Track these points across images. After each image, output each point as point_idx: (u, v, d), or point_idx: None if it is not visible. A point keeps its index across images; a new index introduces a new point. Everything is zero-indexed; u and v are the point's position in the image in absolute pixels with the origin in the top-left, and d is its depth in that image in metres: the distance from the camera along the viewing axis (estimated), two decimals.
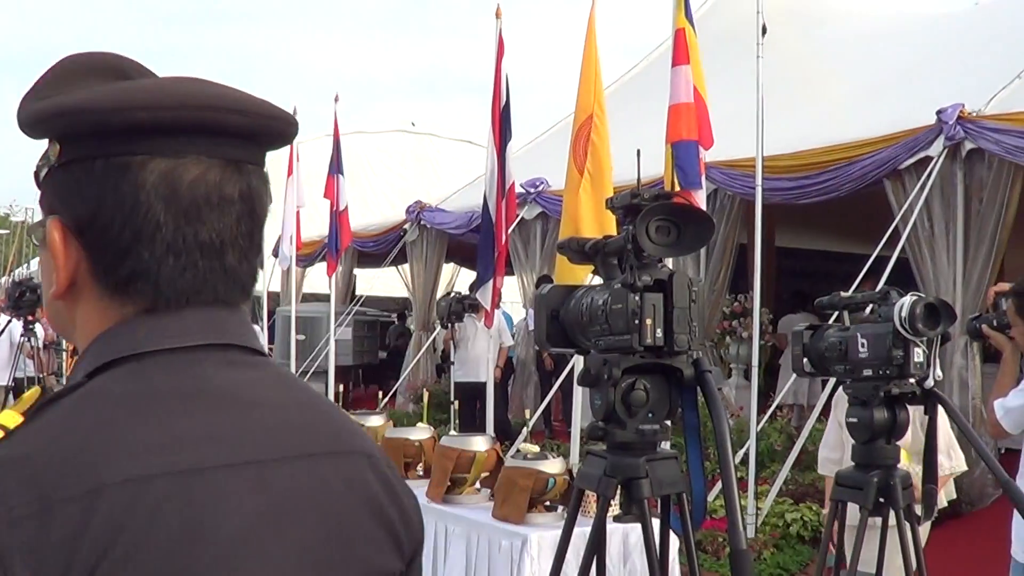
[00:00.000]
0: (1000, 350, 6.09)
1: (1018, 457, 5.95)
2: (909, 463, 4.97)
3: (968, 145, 11.88)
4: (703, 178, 10.22)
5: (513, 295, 19.24)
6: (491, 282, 11.54)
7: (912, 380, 4.22)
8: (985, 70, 13.85)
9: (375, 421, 8.87)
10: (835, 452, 6.17)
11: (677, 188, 9.64)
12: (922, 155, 12.19)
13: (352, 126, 33.94)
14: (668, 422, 3.67)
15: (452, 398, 14.33)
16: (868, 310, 4.51)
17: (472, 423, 13.24)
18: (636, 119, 14.28)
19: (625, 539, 6.55)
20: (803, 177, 13.53)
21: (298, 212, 19.23)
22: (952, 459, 5.77)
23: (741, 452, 11.63)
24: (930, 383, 4.21)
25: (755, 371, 11.46)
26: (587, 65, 10.15)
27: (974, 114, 11.89)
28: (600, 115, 9.85)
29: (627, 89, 21.29)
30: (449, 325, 15.01)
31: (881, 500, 4.33)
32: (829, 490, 5.80)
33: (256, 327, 20.15)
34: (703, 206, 10.14)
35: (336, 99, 18.31)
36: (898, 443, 4.46)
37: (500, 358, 16.95)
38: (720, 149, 11.29)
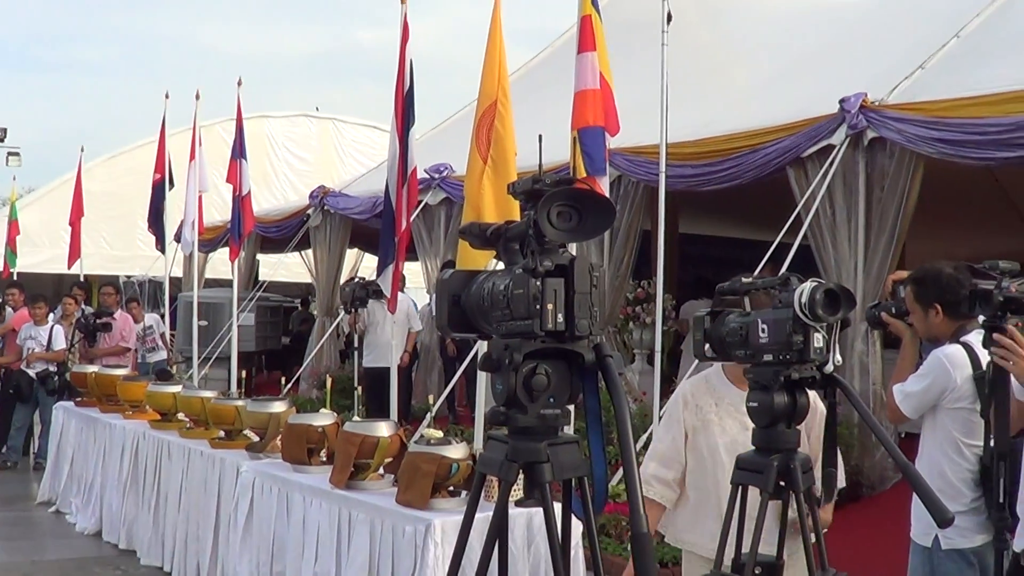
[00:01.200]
0: (899, 336, 6.17)
1: (917, 441, 6.03)
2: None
3: (870, 134, 12.01)
4: (607, 164, 10.25)
5: (417, 280, 19.20)
6: (392, 267, 11.51)
7: (812, 365, 4.25)
8: (888, 60, 13.99)
9: (278, 407, 8.85)
10: (669, 470, 5.69)
11: (583, 174, 9.67)
12: (824, 143, 12.30)
13: (256, 110, 33.73)
14: (570, 407, 3.68)
15: (356, 384, 14.31)
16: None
17: (381, 408, 13.19)
18: (542, 105, 14.29)
19: (529, 523, 6.57)
20: (706, 164, 13.59)
21: (200, 197, 18.99)
22: None
23: (645, 437, 11.67)
24: (830, 368, 4.24)
25: (658, 356, 11.52)
26: (491, 51, 10.12)
27: (876, 103, 12.02)
28: (504, 101, 9.84)
29: (533, 75, 21.30)
30: (353, 311, 14.96)
31: (781, 483, 4.36)
32: (655, 522, 5.67)
33: (157, 313, 20.08)
34: (607, 192, 10.18)
35: (239, 83, 18.12)
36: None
37: (409, 343, 16.97)
38: (624, 136, 11.32)
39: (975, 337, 5.68)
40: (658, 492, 5.62)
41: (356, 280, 16.30)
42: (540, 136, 3.89)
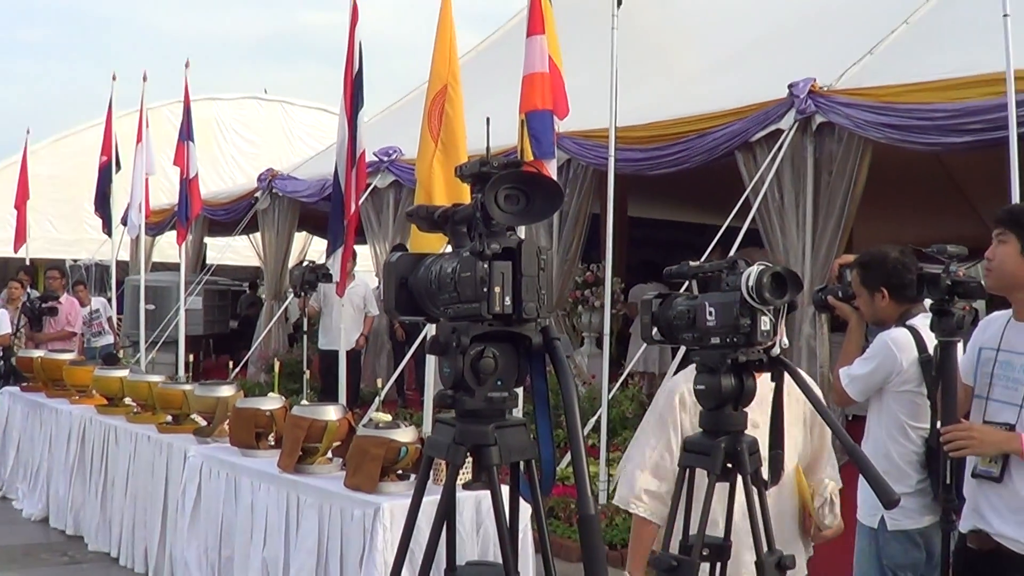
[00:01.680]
0: (846, 320, 6.21)
1: (864, 424, 6.08)
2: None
3: (819, 119, 12.10)
4: (555, 147, 10.26)
5: (366, 264, 19.17)
6: (341, 251, 11.49)
7: (759, 348, 4.27)
8: (837, 45, 14.07)
9: (226, 391, 8.81)
10: (663, 482, 4.95)
11: (530, 158, 9.67)
12: (773, 128, 12.37)
13: (204, 92, 33.54)
14: (518, 390, 3.68)
15: (305, 367, 14.27)
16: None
17: (337, 391, 13.18)
18: (492, 88, 14.28)
19: (478, 506, 6.57)
20: (655, 148, 13.64)
21: (147, 180, 18.90)
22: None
23: (593, 420, 11.73)
24: (776, 351, 4.25)
25: (607, 339, 11.55)
26: (442, 35, 10.12)
27: (825, 88, 12.10)
28: (454, 85, 9.84)
29: (483, 58, 21.28)
30: (303, 294, 14.92)
31: (729, 465, 4.37)
32: (648, 544, 4.98)
33: (104, 297, 19.95)
34: (555, 175, 10.20)
35: (187, 65, 18.04)
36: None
37: (366, 327, 16.95)
38: (573, 119, 11.35)
39: (921, 320, 5.73)
40: (649, 508, 4.98)
41: (306, 264, 16.25)
42: (488, 119, 3.88)
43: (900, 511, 5.58)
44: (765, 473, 4.40)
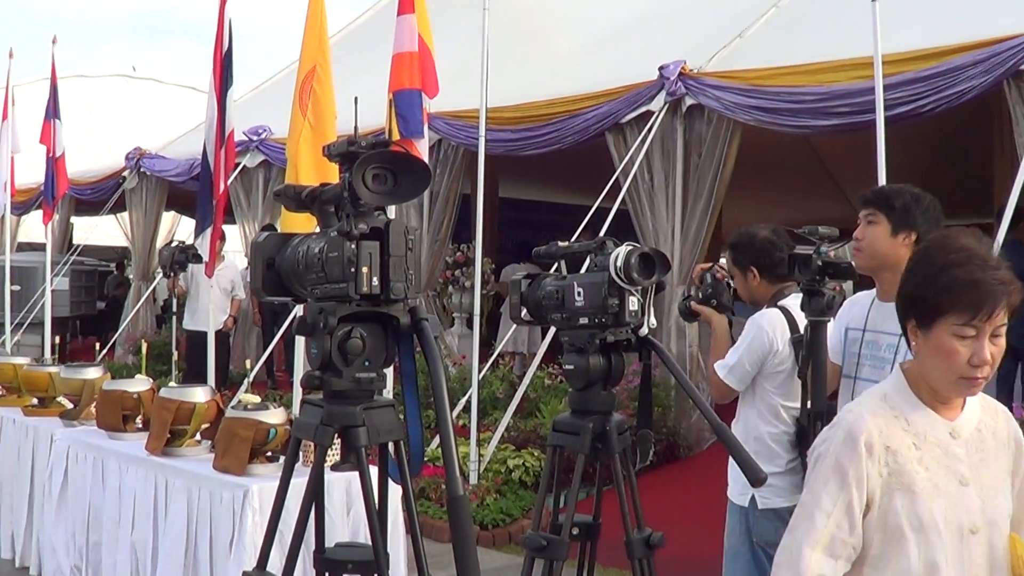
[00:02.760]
0: (708, 321, 6.27)
1: (733, 405, 6.13)
2: None
3: (689, 101, 12.22)
4: (426, 127, 10.23)
5: (236, 245, 18.97)
6: (210, 231, 11.38)
7: (627, 328, 4.29)
8: (708, 28, 14.20)
9: (92, 373, 8.67)
10: (838, 560, 3.36)
11: (397, 137, 9.64)
12: (643, 110, 12.46)
13: (71, 70, 32.98)
14: (386, 370, 3.67)
15: (175, 348, 14.11)
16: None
17: (201, 373, 13.03)
18: (364, 67, 14.21)
19: (348, 488, 6.53)
20: (526, 129, 13.68)
21: (12, 158, 18.52)
22: None
23: (463, 400, 11.74)
24: (644, 331, 4.29)
25: (477, 320, 11.56)
26: (313, 14, 10.03)
27: (695, 71, 12.21)
28: (324, 65, 9.76)
29: (355, 37, 21.16)
30: (172, 274, 14.73)
31: (598, 446, 4.40)
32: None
33: None
34: (425, 155, 10.18)
35: (54, 41, 17.69)
36: None
37: (233, 308, 16.81)
38: (445, 100, 11.33)
39: (793, 301, 5.78)
40: None
41: (175, 244, 16.06)
42: (356, 98, 3.86)
43: (771, 490, 5.64)
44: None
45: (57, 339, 14.26)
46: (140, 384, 7.92)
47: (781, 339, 5.84)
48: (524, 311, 4.62)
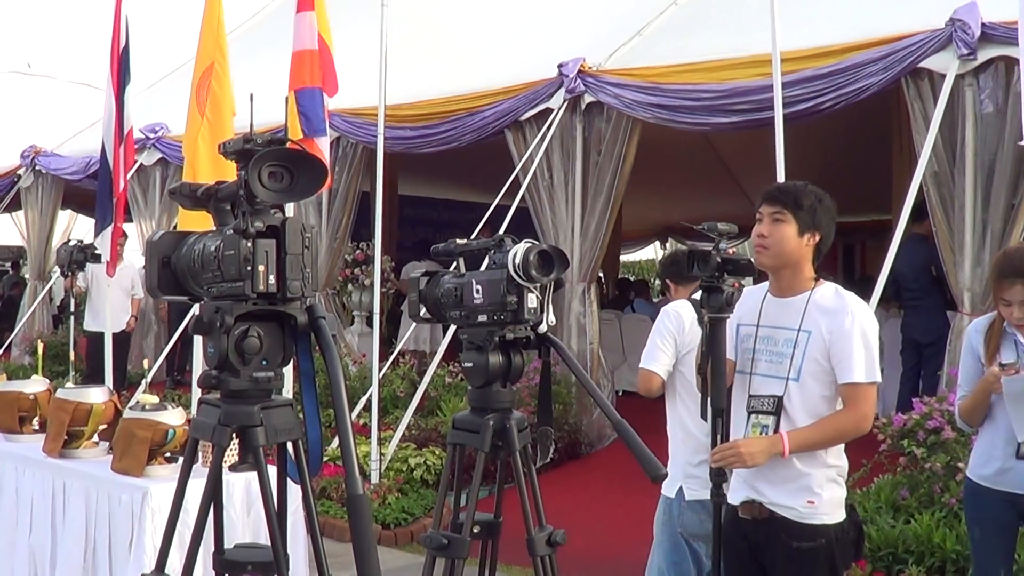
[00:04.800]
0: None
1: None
2: None
3: (588, 98, 12.28)
4: (327, 125, 10.20)
5: (132, 244, 18.76)
6: (110, 229, 11.26)
7: (527, 325, 4.30)
8: (607, 26, 14.26)
9: None
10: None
11: (299, 136, 9.59)
12: (543, 107, 12.52)
13: None
14: (283, 369, 3.65)
15: (72, 349, 13.95)
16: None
17: (101, 373, 12.89)
18: (263, 64, 14.14)
19: (248, 488, 6.51)
20: (425, 126, 13.68)
21: None
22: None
23: (364, 399, 11.73)
24: (544, 328, 4.30)
25: (376, 318, 11.54)
26: (209, 10, 9.96)
27: (594, 68, 12.27)
28: (221, 62, 9.71)
29: (255, 34, 21.01)
30: (70, 274, 14.55)
31: (498, 443, 4.40)
32: None
33: None
34: (326, 153, 10.13)
35: None
36: None
37: (134, 308, 16.66)
38: (344, 97, 11.29)
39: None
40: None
41: (73, 243, 15.86)
42: (251, 95, 3.84)
43: (699, 481, 5.72)
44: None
45: None
46: (36, 385, 7.82)
47: (688, 320, 5.93)
48: (423, 309, 4.62)
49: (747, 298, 5.04)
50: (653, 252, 35.10)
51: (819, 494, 4.83)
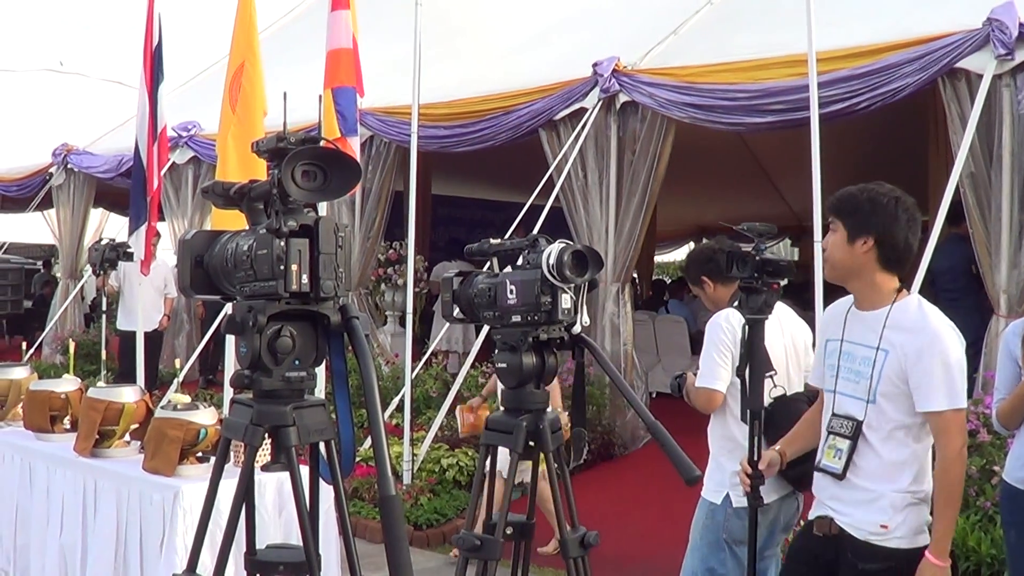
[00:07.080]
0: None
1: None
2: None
3: (622, 98, 12.26)
4: (358, 125, 10.20)
5: (165, 243, 18.80)
6: (144, 228, 11.27)
7: (560, 326, 4.27)
8: (642, 25, 14.22)
9: (19, 373, 8.56)
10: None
11: (336, 134, 9.60)
12: (577, 106, 12.49)
13: None
14: (316, 369, 3.63)
15: (103, 348, 13.98)
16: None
17: (135, 373, 12.92)
18: (296, 63, 14.14)
19: (280, 488, 6.50)
20: (459, 125, 13.65)
21: None
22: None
23: (397, 399, 11.70)
24: (577, 329, 4.26)
25: (409, 318, 11.52)
26: (243, 8, 9.95)
27: (629, 68, 12.23)
28: (252, 60, 9.69)
29: (288, 32, 21.03)
30: (102, 272, 14.59)
31: (531, 444, 4.37)
32: None
33: None
34: (358, 153, 10.13)
35: None
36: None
37: (167, 307, 16.66)
38: (377, 96, 11.30)
39: None
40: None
41: (105, 241, 15.89)
42: (284, 94, 3.82)
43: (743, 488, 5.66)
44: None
45: None
46: (68, 384, 7.83)
47: (740, 328, 5.85)
48: (456, 309, 4.59)
49: (833, 312, 4.92)
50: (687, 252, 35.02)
51: (895, 517, 4.63)
